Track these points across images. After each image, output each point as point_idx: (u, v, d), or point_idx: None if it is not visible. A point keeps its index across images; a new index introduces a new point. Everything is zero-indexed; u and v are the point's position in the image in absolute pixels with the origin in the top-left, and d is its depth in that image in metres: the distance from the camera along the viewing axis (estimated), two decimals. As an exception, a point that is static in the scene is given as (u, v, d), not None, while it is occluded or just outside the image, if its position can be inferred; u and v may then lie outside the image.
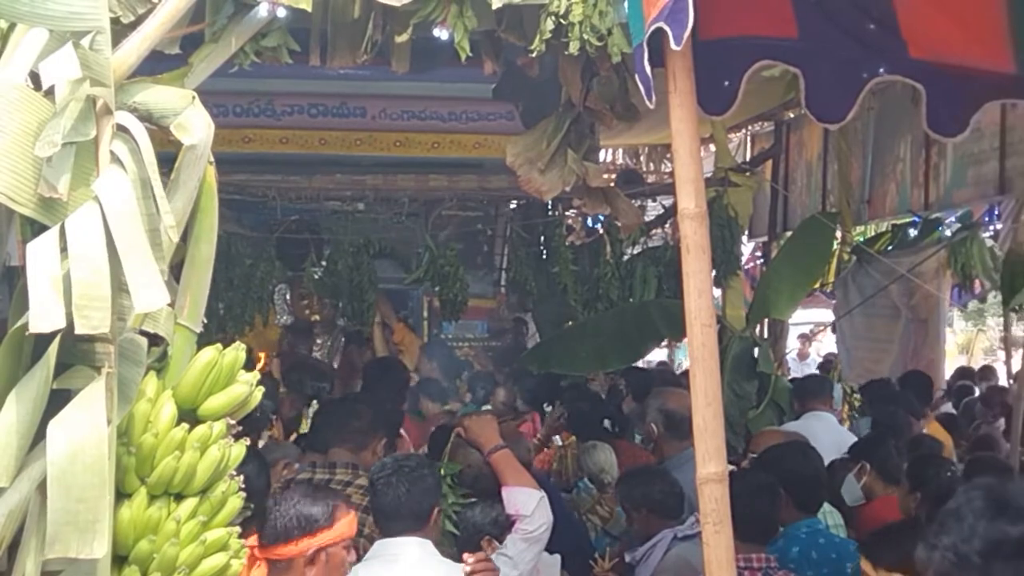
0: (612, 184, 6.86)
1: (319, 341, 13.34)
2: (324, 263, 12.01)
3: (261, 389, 3.57)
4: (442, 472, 5.45)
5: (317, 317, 13.50)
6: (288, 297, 13.47)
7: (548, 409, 9.54)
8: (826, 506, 6.52)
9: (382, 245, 11.84)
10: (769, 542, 5.52)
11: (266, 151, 11.12)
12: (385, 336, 12.36)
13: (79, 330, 2.88)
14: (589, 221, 13.64)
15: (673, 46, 3.40)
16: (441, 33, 4.43)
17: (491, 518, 5.47)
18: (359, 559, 4.78)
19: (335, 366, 12.38)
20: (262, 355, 11.61)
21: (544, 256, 12.37)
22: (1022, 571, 2.43)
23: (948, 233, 11.50)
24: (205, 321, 3.49)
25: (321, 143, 11.35)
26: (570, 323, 10.78)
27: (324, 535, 4.38)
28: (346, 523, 4.48)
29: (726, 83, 4.26)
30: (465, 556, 4.92)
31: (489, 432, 5.76)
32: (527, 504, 5.43)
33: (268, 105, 11.14)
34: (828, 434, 7.77)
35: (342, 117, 11.38)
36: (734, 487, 3.65)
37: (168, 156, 3.30)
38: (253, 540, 4.32)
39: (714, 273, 8.83)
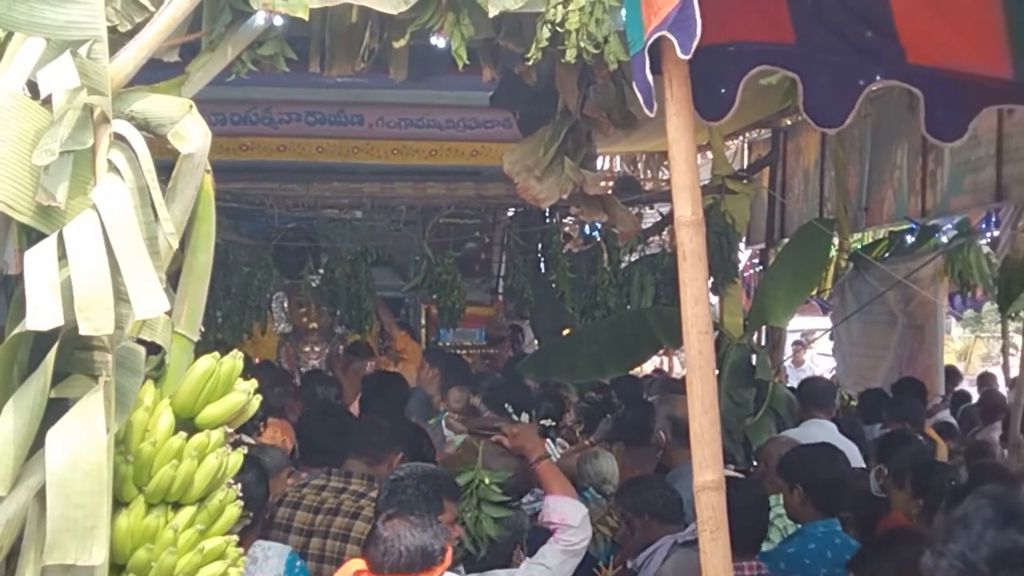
0: (609, 191, 6.87)
1: (316, 349, 13.32)
2: (322, 271, 12.02)
3: (259, 398, 3.57)
4: (486, 480, 5.46)
5: (315, 325, 13.49)
6: (285, 305, 13.46)
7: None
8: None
9: (379, 253, 11.86)
10: (758, 551, 5.59)
11: (264, 159, 11.12)
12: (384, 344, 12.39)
13: (83, 331, 2.88)
14: (587, 229, 13.65)
15: (680, 55, 3.39)
16: (438, 41, 4.43)
17: (520, 525, 5.52)
18: None
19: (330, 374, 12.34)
20: None
21: (541, 264, 12.38)
22: (1030, 581, 2.43)
23: (945, 240, 11.50)
24: (203, 329, 3.49)
25: (319, 151, 11.34)
26: (567, 331, 10.78)
27: (439, 569, 4.23)
28: (450, 552, 4.33)
29: (723, 90, 4.26)
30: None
31: (534, 441, 5.79)
32: (574, 516, 5.43)
33: (266, 113, 11.13)
34: (828, 442, 7.74)
35: (340, 125, 11.37)
36: (728, 498, 3.65)
37: (165, 164, 3.30)
38: (361, 564, 4.24)
39: (711, 280, 8.83)
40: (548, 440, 8.72)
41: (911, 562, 2.81)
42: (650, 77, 3.55)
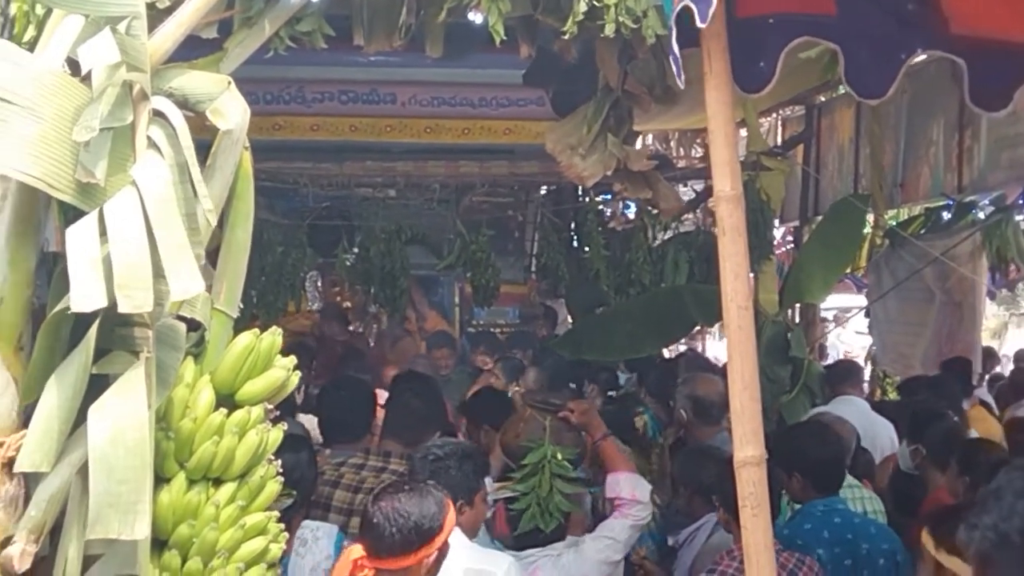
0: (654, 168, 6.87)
1: (351, 328, 13.35)
2: (356, 250, 12.03)
3: (298, 374, 3.57)
4: (558, 456, 5.53)
5: (348, 304, 13.52)
6: (319, 284, 13.49)
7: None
8: (865, 491, 6.50)
9: (413, 231, 11.85)
10: (792, 522, 5.62)
11: (297, 138, 11.11)
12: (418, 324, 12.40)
13: (122, 309, 2.88)
14: (620, 207, 13.63)
15: (699, 23, 3.38)
16: (476, 17, 4.41)
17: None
18: None
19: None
20: None
21: (575, 242, 12.35)
22: (1061, 550, 2.42)
23: (982, 216, 11.41)
24: (241, 306, 3.49)
25: (352, 130, 11.32)
26: (602, 308, 10.77)
27: (439, 538, 4.23)
28: (452, 518, 4.32)
29: (761, 63, 4.23)
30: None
31: (596, 418, 5.89)
32: (643, 492, 5.58)
33: (299, 92, 11.12)
34: (858, 419, 7.72)
35: (372, 104, 11.34)
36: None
37: (202, 144, 3.30)
38: (359, 550, 4.24)
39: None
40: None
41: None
42: (676, 48, 3.53)
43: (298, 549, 4.99)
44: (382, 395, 7.09)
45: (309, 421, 7.30)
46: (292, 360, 3.56)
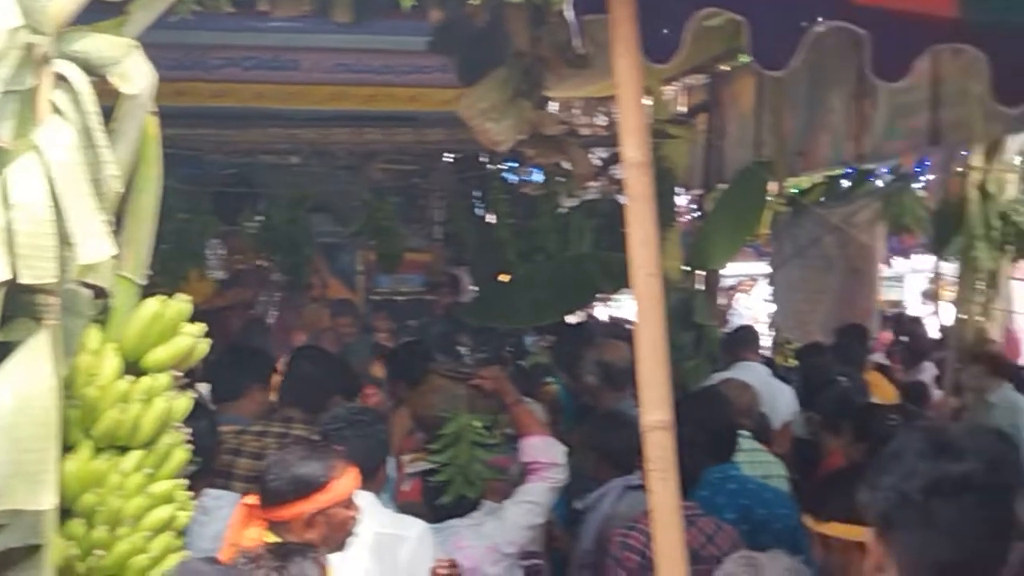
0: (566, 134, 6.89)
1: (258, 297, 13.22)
2: (260, 217, 11.93)
3: (207, 341, 3.55)
4: (472, 424, 5.51)
5: (253, 271, 13.38)
6: (222, 252, 13.34)
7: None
8: (768, 456, 6.59)
9: (318, 199, 11.78)
10: (690, 491, 5.57)
11: (200, 104, 10.96)
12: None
13: (24, 280, 2.85)
14: (526, 174, 13.63)
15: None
16: (384, -18, 4.38)
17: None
18: None
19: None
20: None
21: (480, 209, 12.36)
22: (961, 508, 2.47)
23: (880, 184, 11.61)
24: (151, 273, 3.46)
25: (255, 96, 11.19)
26: (507, 276, 10.79)
27: (320, 498, 4.20)
28: (345, 482, 4.30)
29: (666, 31, 4.25)
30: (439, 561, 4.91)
31: (508, 384, 5.90)
32: (558, 455, 5.59)
33: (202, 58, 10.95)
34: (758, 384, 7.82)
35: (276, 70, 11.20)
36: None
37: (109, 110, 3.25)
38: (253, 499, 4.25)
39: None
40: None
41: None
42: (574, 14, 3.56)
43: (200, 518, 4.94)
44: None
45: (206, 389, 7.24)
46: (200, 327, 3.53)
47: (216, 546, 4.36)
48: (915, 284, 18.47)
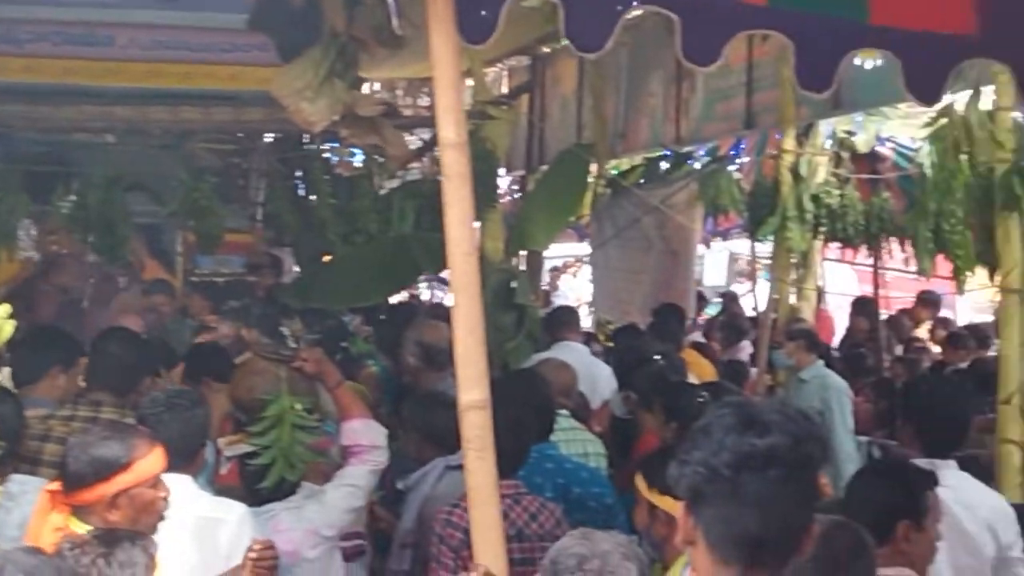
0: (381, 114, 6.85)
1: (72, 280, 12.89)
2: (74, 197, 11.62)
3: (12, 322, 3.46)
4: (293, 406, 5.42)
5: (66, 252, 13.04)
6: (34, 232, 12.97)
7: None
8: (587, 434, 6.67)
9: (135, 178, 11.52)
10: (515, 471, 5.61)
11: (8, 80, 10.63)
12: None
13: None
14: (346, 154, 13.56)
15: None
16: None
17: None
18: None
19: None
20: None
21: (301, 190, 12.26)
22: (768, 481, 2.53)
23: (698, 166, 11.83)
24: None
25: (66, 72, 10.89)
26: (329, 257, 10.73)
27: (121, 478, 4.08)
28: (150, 461, 4.18)
29: (483, 12, 4.26)
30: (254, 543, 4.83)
31: (330, 366, 5.77)
32: (379, 437, 5.51)
33: (10, 32, 10.63)
34: (580, 364, 7.90)
35: (89, 46, 10.91)
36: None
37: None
38: (56, 485, 4.13)
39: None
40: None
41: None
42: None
43: (5, 504, 4.82)
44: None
45: (5, 374, 7.04)
46: (6, 308, 3.44)
47: (22, 533, 4.25)
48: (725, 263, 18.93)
